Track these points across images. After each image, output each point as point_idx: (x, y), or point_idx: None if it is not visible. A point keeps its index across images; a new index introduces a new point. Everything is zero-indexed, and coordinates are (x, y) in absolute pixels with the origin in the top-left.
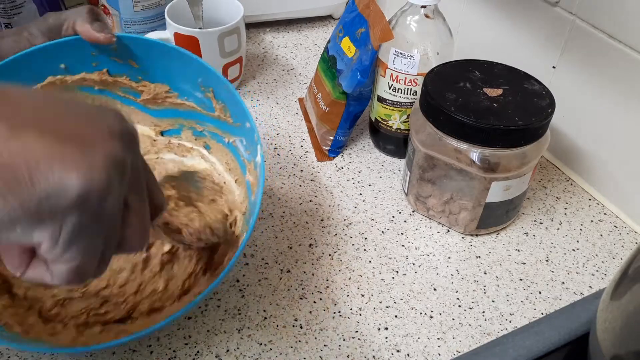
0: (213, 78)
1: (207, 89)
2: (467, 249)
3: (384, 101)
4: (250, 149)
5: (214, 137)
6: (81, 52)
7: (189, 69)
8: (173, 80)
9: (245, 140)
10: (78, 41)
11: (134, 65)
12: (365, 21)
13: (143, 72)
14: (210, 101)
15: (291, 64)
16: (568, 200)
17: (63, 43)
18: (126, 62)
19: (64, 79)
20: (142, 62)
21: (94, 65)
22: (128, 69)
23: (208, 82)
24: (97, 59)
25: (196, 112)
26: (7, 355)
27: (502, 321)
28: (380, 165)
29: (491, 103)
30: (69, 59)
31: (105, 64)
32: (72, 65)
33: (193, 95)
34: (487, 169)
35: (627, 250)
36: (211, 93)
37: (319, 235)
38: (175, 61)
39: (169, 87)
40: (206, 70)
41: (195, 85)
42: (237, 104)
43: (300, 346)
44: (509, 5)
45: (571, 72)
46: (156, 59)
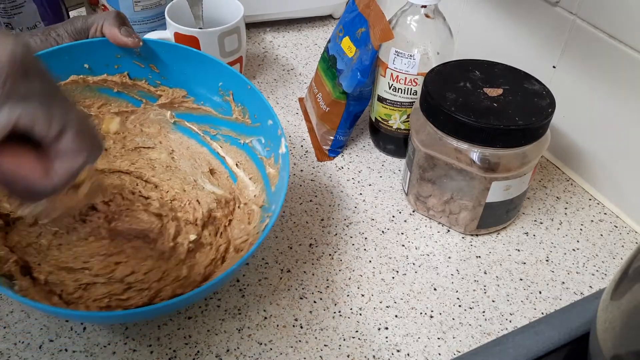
0: (235, 80)
1: (226, 92)
2: (467, 249)
3: (384, 101)
4: (271, 144)
5: (227, 140)
6: (106, 53)
7: (210, 73)
8: (191, 85)
9: (265, 138)
10: (104, 43)
11: (155, 69)
12: (365, 21)
13: (162, 76)
14: (229, 104)
15: (291, 63)
16: (568, 200)
17: (89, 44)
18: (147, 66)
19: (86, 78)
20: (163, 66)
21: (115, 68)
22: (148, 72)
23: (229, 85)
24: (120, 61)
25: (211, 117)
26: (8, 355)
27: (502, 321)
28: (380, 165)
29: (491, 103)
30: (93, 59)
31: (126, 67)
32: (95, 66)
33: (210, 99)
34: (487, 169)
35: (627, 250)
36: (230, 96)
37: (319, 235)
38: (197, 65)
39: (186, 91)
40: (229, 72)
41: (214, 89)
42: (261, 103)
43: (300, 346)
44: (509, 5)
45: (571, 72)
46: (177, 63)
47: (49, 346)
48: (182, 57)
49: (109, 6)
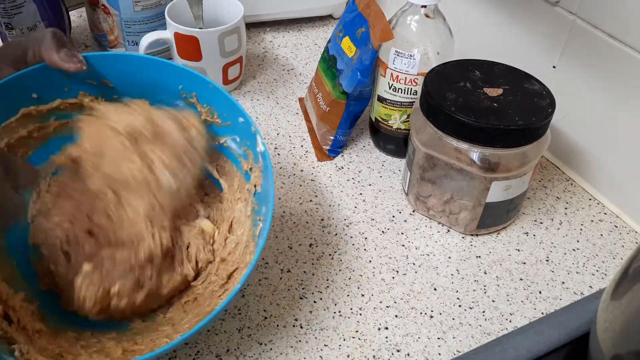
0: (195, 81)
1: (189, 94)
2: (467, 249)
3: (384, 101)
4: (247, 143)
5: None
6: (50, 78)
7: (168, 77)
8: (151, 93)
9: (239, 137)
10: (45, 68)
11: (108, 84)
12: (365, 21)
13: (118, 90)
14: (194, 107)
15: (291, 63)
16: (568, 200)
17: (29, 72)
18: (100, 83)
19: (39, 108)
20: (116, 80)
21: (66, 91)
22: (103, 89)
23: (190, 87)
24: (69, 83)
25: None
26: None
27: (502, 321)
28: (380, 165)
29: (491, 103)
30: (39, 87)
31: (78, 88)
32: (43, 94)
33: (174, 104)
34: (487, 169)
35: (628, 250)
36: (194, 98)
37: (319, 235)
38: (152, 72)
39: (148, 101)
40: (188, 74)
41: (175, 93)
42: (226, 101)
43: (300, 346)
44: (510, 5)
45: (571, 72)
46: (131, 74)
47: None
48: (135, 67)
49: (109, 6)
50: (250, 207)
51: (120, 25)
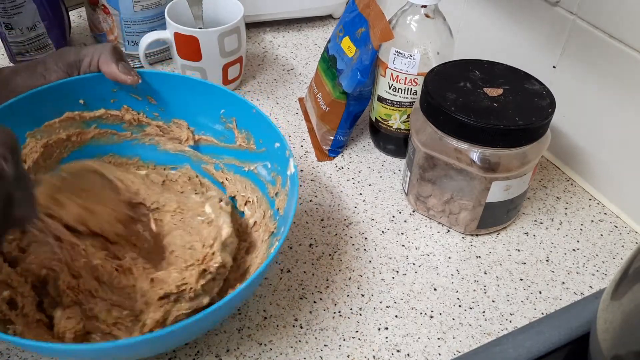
0: (239, 105)
1: (229, 119)
2: (468, 249)
3: (384, 101)
4: (278, 168)
5: (231, 169)
6: (101, 88)
7: (212, 100)
8: (191, 114)
9: (271, 162)
10: (99, 78)
11: (152, 101)
12: (365, 21)
13: (160, 107)
14: (232, 132)
15: (291, 63)
16: (568, 200)
17: (84, 80)
18: (145, 98)
19: (83, 114)
20: (161, 98)
21: (112, 102)
22: (146, 104)
23: (231, 112)
24: (116, 95)
25: (213, 146)
26: (7, 355)
27: (502, 321)
28: (380, 165)
29: (491, 103)
30: (88, 94)
31: (123, 101)
32: (90, 101)
33: (212, 128)
34: (487, 169)
35: (628, 250)
36: (234, 123)
37: (319, 235)
38: (198, 94)
39: (186, 122)
40: (233, 98)
41: (216, 117)
42: (267, 127)
43: (300, 346)
44: (510, 5)
45: (571, 72)
46: (177, 93)
47: None
48: (181, 86)
49: (109, 6)
50: (269, 232)
51: (120, 25)
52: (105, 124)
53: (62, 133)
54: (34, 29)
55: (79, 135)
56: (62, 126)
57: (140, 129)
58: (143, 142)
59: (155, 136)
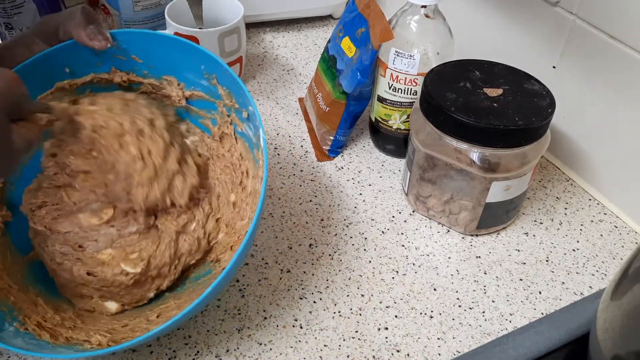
0: (214, 64)
1: (210, 75)
2: (467, 249)
3: (384, 101)
4: (256, 135)
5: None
6: (82, 53)
7: (192, 57)
8: (178, 71)
9: (252, 126)
10: (75, 44)
11: (138, 60)
12: (365, 21)
13: (148, 65)
14: (216, 88)
15: (291, 63)
16: (568, 200)
17: (61, 48)
18: (129, 58)
19: (73, 82)
20: (145, 56)
21: (98, 65)
22: (133, 64)
23: (210, 68)
24: (100, 57)
25: (205, 101)
26: (7, 355)
27: (502, 321)
28: (380, 165)
29: (491, 103)
30: (72, 62)
31: (109, 62)
32: (76, 69)
33: (199, 84)
34: (487, 169)
35: (628, 250)
36: (215, 79)
37: (319, 235)
38: (177, 51)
39: (176, 78)
40: (207, 56)
41: (199, 72)
42: (238, 88)
43: (300, 346)
44: (510, 5)
45: (571, 72)
46: (158, 51)
47: None
48: (158, 44)
49: (109, 6)
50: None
51: (120, 25)
52: (98, 88)
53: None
54: None
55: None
56: (55, 97)
57: (134, 89)
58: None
59: (151, 94)
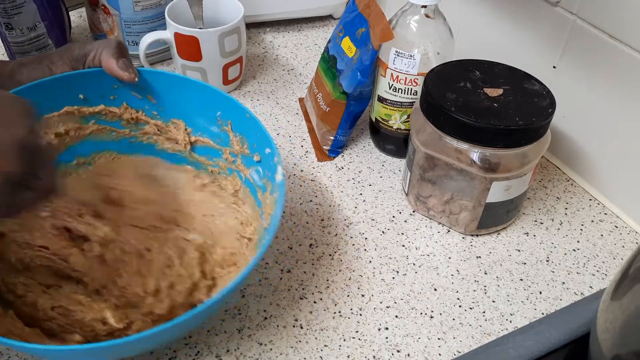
0: (234, 108)
1: (224, 121)
2: (468, 249)
3: (384, 101)
4: (268, 174)
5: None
6: (102, 84)
7: (209, 102)
8: (189, 115)
9: (262, 167)
10: (100, 73)
11: (152, 100)
12: (365, 21)
13: (159, 107)
14: (228, 135)
15: (291, 64)
16: (568, 201)
17: (85, 74)
18: (145, 97)
19: (82, 109)
20: (161, 97)
21: (112, 99)
22: (145, 103)
23: (227, 114)
24: (117, 92)
25: (210, 148)
26: (7, 355)
27: (502, 321)
28: (380, 165)
29: (491, 103)
30: (88, 90)
31: (123, 98)
32: (90, 96)
33: (208, 130)
34: (487, 169)
35: (628, 251)
36: (229, 126)
37: (319, 235)
38: (195, 94)
39: (184, 122)
40: (228, 101)
41: (212, 118)
42: (259, 132)
43: (300, 346)
44: (510, 5)
45: (572, 72)
46: (175, 93)
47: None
48: (180, 87)
49: (109, 6)
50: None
51: (120, 25)
52: (103, 120)
53: (61, 127)
54: (34, 29)
55: (77, 130)
56: (60, 120)
57: (138, 127)
58: (141, 141)
59: (154, 135)
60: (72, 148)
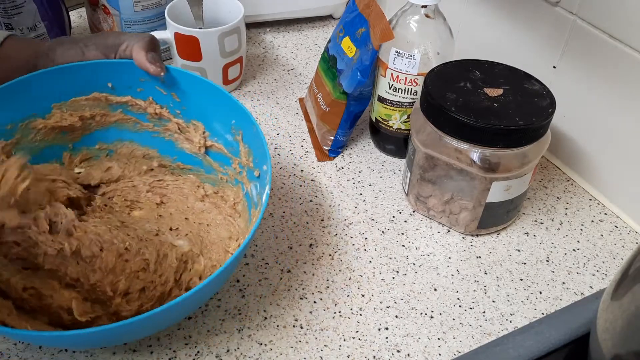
0: (245, 119)
1: (237, 131)
2: (468, 249)
3: (384, 101)
4: (260, 192)
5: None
6: (131, 75)
7: (226, 109)
8: (208, 119)
9: (259, 184)
10: (130, 65)
11: (176, 98)
12: (365, 21)
13: (183, 106)
14: (238, 144)
15: (291, 64)
16: (568, 200)
17: (115, 64)
18: (169, 94)
19: (110, 97)
20: (184, 96)
21: (138, 91)
22: (170, 100)
23: (240, 124)
24: (143, 85)
25: (223, 155)
26: (8, 356)
27: (502, 321)
28: (380, 165)
29: (491, 103)
30: (117, 79)
31: (149, 92)
32: (118, 86)
33: (223, 137)
34: (487, 169)
35: (628, 251)
36: (240, 135)
37: (319, 235)
38: (215, 100)
39: (203, 125)
40: (241, 111)
41: (227, 126)
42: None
43: (300, 346)
44: (510, 5)
45: (572, 72)
46: (198, 95)
47: (49, 346)
48: (202, 90)
49: (109, 6)
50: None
51: (121, 25)
52: (129, 111)
53: (87, 111)
54: (35, 29)
55: (104, 116)
56: (88, 104)
57: (162, 123)
58: (163, 137)
59: (175, 133)
60: (97, 133)
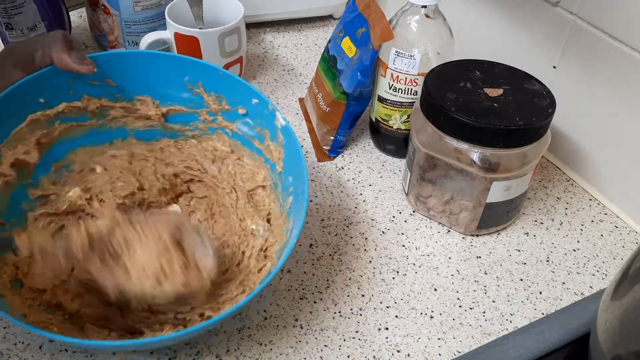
0: (203, 70)
1: (195, 85)
2: (468, 249)
3: (384, 101)
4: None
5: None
6: (57, 81)
7: (173, 70)
8: (154, 89)
9: (252, 119)
10: (53, 72)
11: (112, 83)
12: (365, 21)
13: (121, 88)
14: (200, 96)
15: (291, 64)
16: (569, 201)
17: (40, 76)
18: (104, 83)
19: (46, 113)
20: (119, 78)
21: (71, 94)
22: (106, 89)
23: (196, 77)
24: (74, 85)
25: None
26: (8, 356)
27: (502, 321)
28: (380, 165)
29: (492, 103)
30: (46, 91)
31: (82, 90)
32: (50, 98)
33: (178, 97)
34: (487, 169)
35: (628, 251)
36: (200, 88)
37: (319, 235)
38: (156, 67)
39: (150, 97)
40: (194, 64)
41: (180, 85)
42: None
43: (300, 346)
44: (510, 5)
45: (572, 72)
46: (135, 71)
47: (49, 346)
48: (139, 63)
49: (109, 6)
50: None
51: (121, 25)
52: (67, 118)
53: (32, 138)
54: (35, 29)
55: (46, 136)
56: (29, 130)
57: (104, 114)
58: (110, 127)
59: (122, 118)
60: (45, 157)
